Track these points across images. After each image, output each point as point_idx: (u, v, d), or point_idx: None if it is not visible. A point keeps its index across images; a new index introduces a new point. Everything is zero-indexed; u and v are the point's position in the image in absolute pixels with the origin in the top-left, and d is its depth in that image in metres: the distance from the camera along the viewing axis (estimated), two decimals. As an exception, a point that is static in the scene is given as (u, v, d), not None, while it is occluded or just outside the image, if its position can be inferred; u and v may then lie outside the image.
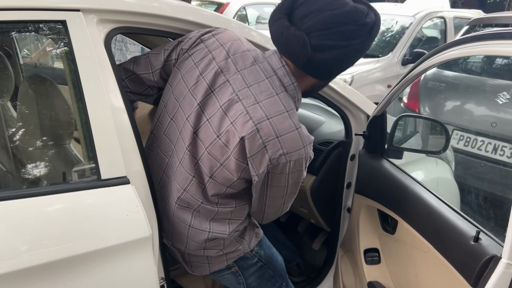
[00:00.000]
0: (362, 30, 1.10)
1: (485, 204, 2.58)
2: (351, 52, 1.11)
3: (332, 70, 1.17)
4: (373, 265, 1.42)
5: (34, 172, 1.32)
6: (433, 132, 1.69)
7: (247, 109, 1.10)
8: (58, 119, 1.31)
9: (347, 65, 1.17)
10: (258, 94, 1.12)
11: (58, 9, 1.08)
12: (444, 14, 5.34)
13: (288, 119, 1.10)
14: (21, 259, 0.97)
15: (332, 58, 1.10)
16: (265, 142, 1.08)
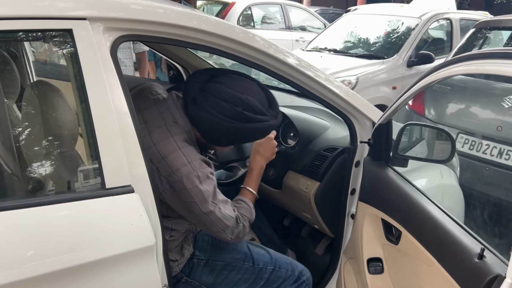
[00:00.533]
0: (237, 116, 1.31)
1: (489, 209, 2.57)
2: (220, 124, 1.31)
3: (205, 131, 1.37)
4: (376, 275, 1.42)
5: (38, 177, 1.33)
6: (439, 139, 1.68)
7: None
8: (63, 126, 1.31)
9: (222, 134, 1.36)
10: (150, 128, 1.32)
11: (64, 18, 1.08)
12: (451, 15, 5.31)
13: (172, 143, 1.29)
14: (25, 269, 0.97)
15: (201, 117, 1.32)
16: (156, 165, 1.27)
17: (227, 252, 1.55)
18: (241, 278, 1.56)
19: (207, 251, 1.54)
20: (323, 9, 11.68)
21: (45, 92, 1.40)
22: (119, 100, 1.14)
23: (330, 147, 1.88)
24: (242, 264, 1.55)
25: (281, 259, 1.62)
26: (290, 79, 1.53)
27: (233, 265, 1.55)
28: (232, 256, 1.55)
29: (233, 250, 1.56)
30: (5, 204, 1.03)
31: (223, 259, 1.54)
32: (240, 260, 1.55)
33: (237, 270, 1.55)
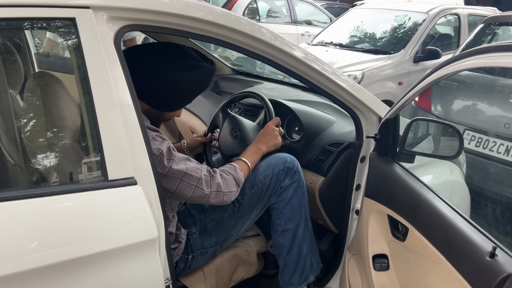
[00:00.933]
0: (181, 67, 1.38)
1: (496, 207, 2.54)
2: (168, 79, 1.36)
3: (154, 95, 1.38)
4: (382, 272, 1.40)
5: (41, 168, 1.31)
6: (446, 135, 1.66)
7: None
8: (64, 117, 1.29)
9: (171, 92, 1.40)
10: None
11: (67, 6, 1.06)
12: (459, 11, 5.25)
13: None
14: (27, 260, 0.96)
15: (148, 81, 1.34)
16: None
17: (211, 211, 1.57)
18: (237, 216, 1.60)
19: (194, 223, 1.57)
20: (329, 3, 11.59)
21: (47, 83, 1.39)
22: (122, 91, 1.12)
23: (335, 142, 1.86)
24: (232, 211, 1.59)
25: (259, 169, 1.62)
26: (296, 72, 1.50)
27: (224, 218, 1.59)
28: (219, 211, 1.58)
29: (214, 206, 1.55)
30: (8, 194, 1.02)
31: (212, 219, 1.58)
32: (228, 209, 1.58)
33: (228, 218, 1.59)
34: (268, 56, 1.44)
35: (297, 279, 1.69)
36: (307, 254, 1.69)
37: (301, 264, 1.68)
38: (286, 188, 1.64)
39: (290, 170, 1.65)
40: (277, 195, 1.65)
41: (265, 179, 1.61)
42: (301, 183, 1.69)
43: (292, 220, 1.67)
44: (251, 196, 1.60)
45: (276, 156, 1.67)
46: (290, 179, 1.65)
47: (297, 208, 1.67)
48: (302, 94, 2.36)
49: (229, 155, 1.89)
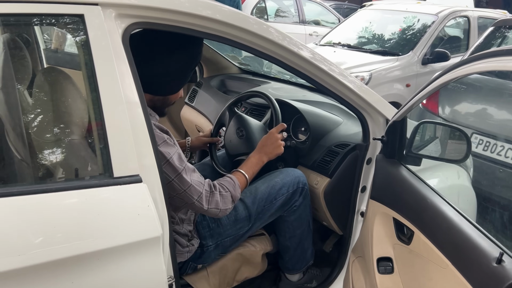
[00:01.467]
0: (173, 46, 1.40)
1: (504, 212, 2.52)
2: (167, 58, 1.39)
3: (155, 82, 1.40)
4: (386, 275, 1.39)
5: (46, 164, 1.32)
6: (453, 138, 1.64)
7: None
8: (72, 113, 1.29)
9: (171, 73, 1.41)
10: None
11: (76, 3, 1.07)
12: (468, 13, 5.21)
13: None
14: (31, 256, 0.96)
15: (150, 66, 1.36)
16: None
17: (229, 227, 1.59)
18: (250, 230, 1.67)
19: (211, 236, 1.58)
20: (338, 3, 11.56)
21: (55, 78, 1.39)
22: (129, 89, 1.12)
23: (341, 143, 1.85)
24: (247, 227, 1.63)
25: (275, 187, 1.67)
26: (303, 72, 1.50)
27: (240, 234, 1.63)
28: (235, 228, 1.61)
29: (233, 222, 1.60)
30: (13, 189, 1.02)
31: (229, 234, 1.60)
32: (244, 226, 1.62)
33: (245, 233, 1.64)
34: (275, 56, 1.43)
35: (299, 265, 1.85)
36: (308, 247, 1.83)
37: (303, 255, 1.83)
38: (299, 206, 1.73)
39: (303, 190, 1.73)
40: (289, 210, 1.73)
41: (280, 197, 1.68)
42: (308, 197, 1.78)
43: (299, 227, 1.77)
44: (264, 212, 1.66)
45: (290, 175, 1.73)
46: (303, 199, 1.74)
47: (304, 217, 1.77)
48: (309, 94, 2.35)
49: (234, 154, 1.89)
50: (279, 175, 1.72)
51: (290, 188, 1.69)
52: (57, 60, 1.90)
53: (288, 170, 1.76)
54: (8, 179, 1.35)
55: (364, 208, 1.76)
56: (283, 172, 1.75)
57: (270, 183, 1.68)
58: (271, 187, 1.67)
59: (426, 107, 3.54)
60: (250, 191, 1.65)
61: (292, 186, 1.69)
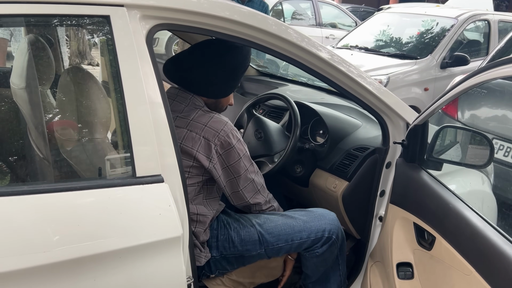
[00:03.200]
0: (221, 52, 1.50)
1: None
2: (218, 63, 1.49)
3: (212, 86, 1.50)
4: (406, 280, 1.37)
5: (69, 163, 1.34)
6: (476, 143, 1.62)
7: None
8: (95, 113, 1.31)
9: (223, 78, 1.50)
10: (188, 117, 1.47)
11: (102, 4, 1.08)
12: (489, 17, 5.13)
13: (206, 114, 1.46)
14: (55, 253, 0.98)
15: (206, 74, 1.48)
16: (201, 134, 1.41)
17: (237, 244, 1.55)
18: (259, 257, 1.58)
19: (216, 248, 1.54)
20: (355, 6, 11.50)
21: (80, 78, 1.41)
22: (153, 90, 1.13)
23: (360, 147, 1.84)
24: (256, 252, 1.56)
25: (295, 228, 1.57)
26: (322, 74, 1.49)
27: (247, 255, 1.56)
28: (243, 248, 1.55)
29: (242, 241, 1.55)
30: (36, 187, 1.04)
31: (234, 252, 1.56)
32: (252, 250, 1.56)
33: (252, 257, 1.58)
34: (294, 57, 1.43)
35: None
36: (333, 282, 1.72)
37: (327, 285, 1.73)
38: (322, 253, 1.61)
39: (329, 240, 1.60)
40: (311, 253, 1.62)
41: (298, 240, 1.57)
42: (341, 245, 1.66)
43: (322, 266, 1.66)
44: (277, 247, 1.57)
45: (317, 219, 1.61)
46: (329, 247, 1.61)
47: (329, 261, 1.66)
48: (327, 97, 2.34)
49: (253, 156, 1.89)
50: (304, 216, 1.60)
51: (311, 235, 1.57)
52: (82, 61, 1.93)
53: (316, 213, 1.63)
54: (31, 177, 1.38)
55: (382, 212, 1.74)
56: (310, 213, 1.62)
57: (289, 221, 1.57)
58: (289, 226, 1.56)
59: (445, 112, 3.50)
60: (266, 220, 1.58)
61: (316, 234, 1.57)
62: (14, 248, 0.95)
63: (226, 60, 1.48)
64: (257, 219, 1.58)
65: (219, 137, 1.41)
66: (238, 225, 1.57)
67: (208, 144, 1.40)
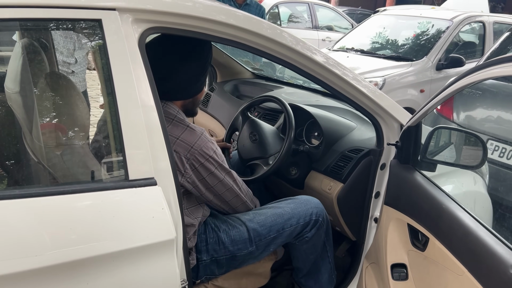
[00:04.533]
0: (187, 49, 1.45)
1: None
2: (188, 65, 1.44)
3: (184, 88, 1.46)
4: (400, 281, 1.37)
5: (62, 166, 1.34)
6: (469, 144, 1.62)
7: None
8: (88, 116, 1.31)
9: (193, 76, 1.46)
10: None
11: (94, 8, 1.08)
12: (484, 18, 5.15)
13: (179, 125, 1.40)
14: (48, 256, 0.98)
15: (175, 79, 1.43)
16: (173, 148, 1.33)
17: (227, 244, 1.54)
18: (253, 256, 1.59)
19: (207, 251, 1.53)
20: (351, 9, 11.55)
21: (71, 82, 1.41)
22: (145, 93, 1.14)
23: (355, 148, 1.84)
24: (247, 250, 1.56)
25: (284, 216, 1.60)
26: (317, 77, 1.50)
27: (238, 255, 1.56)
28: (234, 247, 1.55)
29: (232, 241, 1.54)
30: (30, 191, 1.04)
31: (225, 253, 1.54)
32: (243, 249, 1.55)
33: (244, 256, 1.57)
34: (289, 61, 1.43)
35: (312, 283, 1.76)
36: (324, 271, 1.76)
37: (318, 277, 1.76)
38: (311, 237, 1.65)
39: (316, 222, 1.65)
40: (301, 240, 1.66)
41: (288, 228, 1.60)
42: (327, 228, 1.71)
43: (313, 253, 1.70)
44: (268, 240, 1.59)
45: (303, 205, 1.65)
46: (317, 230, 1.65)
47: (318, 245, 1.70)
48: (322, 99, 2.35)
49: (248, 159, 1.89)
50: (291, 204, 1.65)
51: (300, 220, 1.61)
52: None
53: (301, 199, 1.68)
54: (25, 181, 1.38)
55: (377, 214, 1.75)
56: (296, 201, 1.67)
57: (278, 211, 1.61)
58: (279, 216, 1.59)
59: (440, 113, 3.51)
60: (255, 215, 1.60)
61: (304, 218, 1.61)
62: (6, 251, 0.95)
63: (197, 51, 1.44)
64: (246, 216, 1.59)
65: (191, 152, 1.37)
66: (227, 226, 1.56)
67: (180, 158, 1.36)
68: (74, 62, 2.40)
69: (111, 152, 1.19)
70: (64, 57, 2.05)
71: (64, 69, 1.84)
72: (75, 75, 2.59)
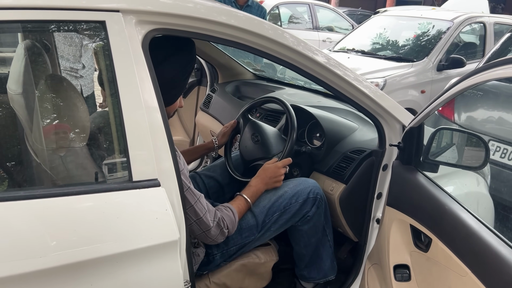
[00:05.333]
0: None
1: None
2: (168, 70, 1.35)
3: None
4: (403, 282, 1.37)
5: (66, 168, 1.34)
6: (471, 144, 1.62)
7: None
8: (92, 117, 1.31)
9: (174, 80, 1.38)
10: None
11: (98, 10, 1.09)
12: (484, 19, 5.16)
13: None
14: (52, 258, 0.98)
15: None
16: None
17: (235, 235, 1.55)
18: (259, 239, 1.62)
19: (217, 246, 1.55)
20: (351, 10, 11.55)
21: (62, 85, 1.41)
22: (149, 94, 1.14)
23: (357, 149, 1.84)
24: (254, 236, 1.59)
25: (285, 196, 1.63)
26: (318, 78, 1.50)
27: (246, 242, 1.58)
28: (242, 236, 1.57)
29: (239, 230, 1.56)
30: (34, 193, 1.04)
31: (235, 243, 1.57)
32: (251, 235, 1.58)
33: (252, 242, 1.60)
34: (290, 61, 1.43)
35: (316, 273, 1.79)
36: (326, 258, 1.79)
37: (320, 264, 1.79)
38: (312, 216, 1.69)
39: (315, 200, 1.68)
40: (302, 220, 1.69)
41: (289, 207, 1.64)
42: (325, 210, 1.75)
43: (314, 236, 1.73)
44: (273, 222, 1.62)
45: (301, 184, 1.69)
46: (317, 208, 1.69)
47: (319, 226, 1.74)
48: (323, 100, 2.35)
49: (250, 160, 1.89)
50: (289, 185, 1.69)
51: (299, 198, 1.65)
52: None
53: (300, 180, 1.72)
54: (28, 182, 1.38)
55: (379, 215, 1.75)
56: (294, 181, 1.71)
57: (279, 193, 1.65)
58: (280, 196, 1.64)
59: (442, 114, 3.51)
60: (258, 200, 1.62)
61: (303, 197, 1.65)
62: (10, 253, 0.95)
63: (170, 64, 1.35)
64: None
65: None
66: None
67: None
68: (82, 67, 2.41)
69: (115, 153, 1.19)
70: (71, 63, 2.06)
71: (73, 74, 1.85)
72: (84, 79, 2.60)
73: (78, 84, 2.20)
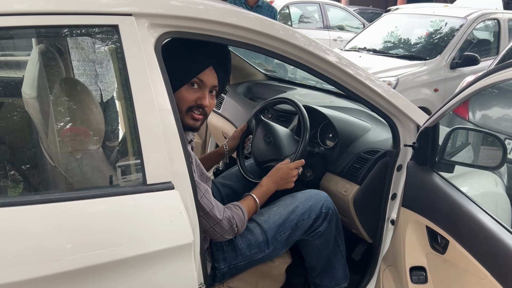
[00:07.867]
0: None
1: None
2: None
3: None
4: (420, 284, 1.35)
5: (80, 171, 1.35)
6: (487, 144, 1.60)
7: None
8: (106, 120, 1.32)
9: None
10: None
11: (111, 14, 1.09)
12: (498, 15, 5.08)
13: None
14: (68, 261, 0.99)
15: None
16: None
17: (243, 250, 1.54)
18: (269, 256, 1.59)
19: (224, 260, 1.53)
20: (362, 8, 11.48)
21: (77, 88, 1.42)
22: (162, 97, 1.14)
23: (371, 150, 1.82)
24: (263, 253, 1.56)
25: (296, 212, 1.59)
26: (330, 77, 1.49)
27: (255, 259, 1.56)
28: (250, 252, 1.55)
29: (248, 246, 1.54)
30: (50, 196, 1.05)
31: (243, 259, 1.55)
32: (260, 252, 1.55)
33: (261, 258, 1.57)
34: (302, 61, 1.43)
35: (328, 281, 1.76)
36: (338, 267, 1.76)
37: (333, 273, 1.76)
38: (323, 232, 1.65)
39: (327, 215, 1.65)
40: (313, 235, 1.66)
41: (301, 223, 1.60)
42: (337, 222, 1.71)
43: (325, 249, 1.70)
44: (283, 238, 1.59)
45: (313, 199, 1.64)
46: (328, 223, 1.65)
47: (330, 239, 1.70)
48: (336, 100, 2.33)
49: (263, 161, 1.89)
50: (301, 198, 1.64)
51: (312, 214, 1.61)
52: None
53: (310, 193, 1.67)
54: (43, 186, 1.39)
55: (394, 216, 1.73)
56: (305, 194, 1.67)
57: (290, 208, 1.60)
58: (291, 212, 1.59)
59: (456, 113, 3.46)
60: (269, 215, 1.59)
61: (315, 212, 1.61)
62: (27, 257, 0.96)
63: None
64: (261, 217, 1.58)
65: None
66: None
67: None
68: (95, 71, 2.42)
69: (129, 156, 1.20)
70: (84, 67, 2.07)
71: (86, 78, 1.86)
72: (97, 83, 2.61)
73: (92, 88, 2.22)
